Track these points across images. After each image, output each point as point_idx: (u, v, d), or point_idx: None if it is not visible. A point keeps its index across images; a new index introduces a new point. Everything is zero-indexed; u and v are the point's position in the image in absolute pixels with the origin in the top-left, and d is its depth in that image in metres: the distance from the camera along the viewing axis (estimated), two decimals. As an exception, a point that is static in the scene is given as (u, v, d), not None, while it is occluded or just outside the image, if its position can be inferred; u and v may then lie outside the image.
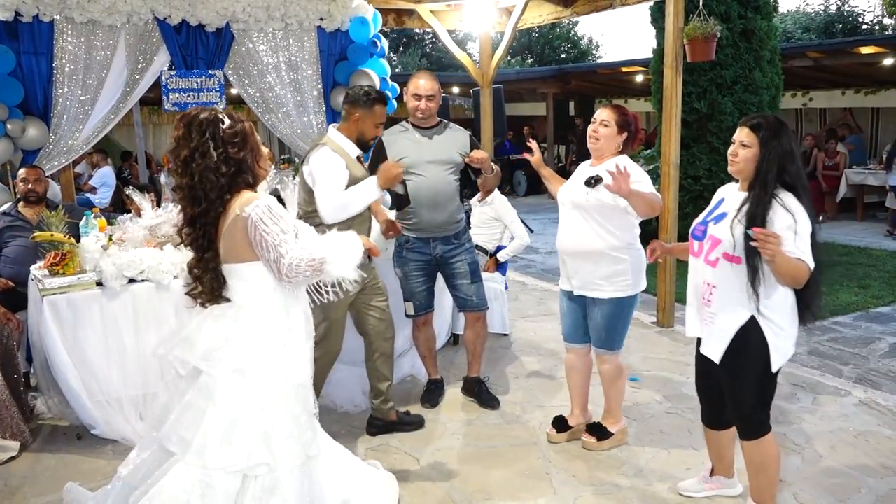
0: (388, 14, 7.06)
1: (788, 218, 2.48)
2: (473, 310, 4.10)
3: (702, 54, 5.22)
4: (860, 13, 23.68)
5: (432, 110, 3.92)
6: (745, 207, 2.58)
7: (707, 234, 2.73)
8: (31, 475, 3.44)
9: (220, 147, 2.32)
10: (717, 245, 2.65)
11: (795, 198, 2.54)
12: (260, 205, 2.30)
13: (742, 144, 2.64)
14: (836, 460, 3.44)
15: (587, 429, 3.65)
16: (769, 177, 2.54)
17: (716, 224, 2.70)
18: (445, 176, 3.89)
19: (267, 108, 5.92)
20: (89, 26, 5.07)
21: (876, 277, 7.11)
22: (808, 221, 2.51)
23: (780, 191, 2.55)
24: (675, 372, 4.63)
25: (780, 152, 2.56)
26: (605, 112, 3.37)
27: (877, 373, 4.63)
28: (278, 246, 2.28)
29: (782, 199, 2.52)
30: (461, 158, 3.94)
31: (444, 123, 4.05)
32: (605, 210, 3.27)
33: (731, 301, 2.62)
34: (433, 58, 27.53)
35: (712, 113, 7.71)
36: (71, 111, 5.11)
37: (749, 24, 7.59)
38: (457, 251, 4.01)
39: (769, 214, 2.50)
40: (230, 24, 5.50)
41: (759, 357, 2.63)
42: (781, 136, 2.58)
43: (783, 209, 2.50)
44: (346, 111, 3.57)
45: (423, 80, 3.92)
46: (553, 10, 6.91)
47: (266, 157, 2.53)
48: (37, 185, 4.62)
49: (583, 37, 29.66)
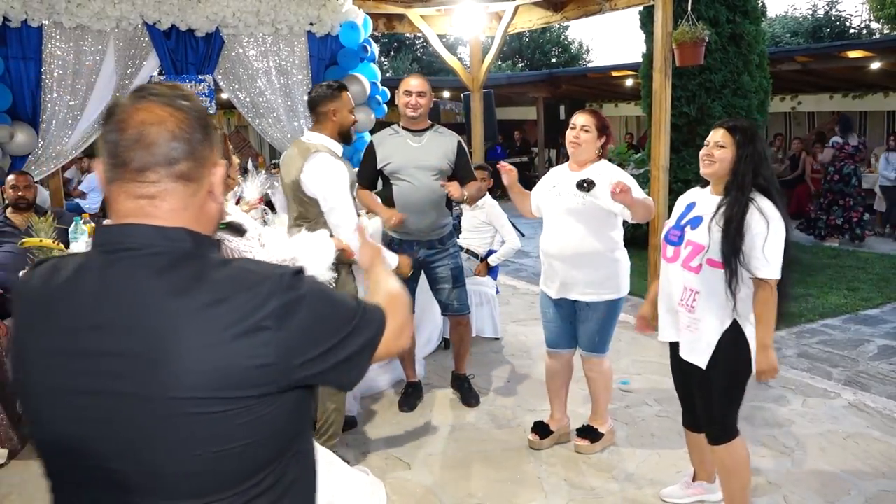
0: (379, 19, 7.06)
1: (762, 224, 2.51)
2: (454, 314, 4.14)
3: (691, 58, 5.25)
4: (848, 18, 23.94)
5: (423, 107, 3.91)
6: (721, 210, 2.59)
7: (684, 239, 2.72)
8: (19, 483, 3.41)
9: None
10: (699, 251, 2.64)
11: (771, 202, 2.56)
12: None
13: (718, 145, 2.65)
14: (825, 463, 3.46)
15: (579, 433, 3.65)
16: (746, 179, 2.57)
17: (693, 229, 2.69)
18: (431, 182, 3.87)
19: (257, 112, 5.91)
20: (78, 31, 5.05)
21: (865, 280, 7.15)
22: (782, 226, 2.55)
23: (755, 194, 2.57)
24: (665, 375, 4.59)
25: (755, 156, 2.59)
26: (584, 117, 3.38)
27: (866, 375, 4.66)
28: (244, 252, 2.19)
29: (759, 204, 2.55)
30: (448, 166, 3.93)
31: (435, 127, 4.05)
32: (597, 213, 3.28)
33: (716, 306, 2.62)
34: (424, 62, 27.55)
35: (701, 117, 7.74)
36: (60, 116, 5.09)
37: (737, 28, 7.64)
38: (440, 256, 4.01)
39: (746, 218, 2.53)
40: (220, 28, 5.49)
41: (739, 360, 2.64)
42: (756, 139, 2.63)
43: (759, 213, 2.52)
44: (319, 111, 3.40)
45: (413, 80, 3.96)
46: (543, 14, 6.93)
47: (232, 173, 2.43)
48: (27, 192, 4.59)
49: (573, 41, 29.77)
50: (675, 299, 2.76)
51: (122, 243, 1.05)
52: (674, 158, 6.42)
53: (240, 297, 1.01)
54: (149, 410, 0.99)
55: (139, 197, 1.06)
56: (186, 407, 0.98)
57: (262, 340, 1.00)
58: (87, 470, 1.04)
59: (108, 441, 1.02)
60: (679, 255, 2.72)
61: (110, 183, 1.07)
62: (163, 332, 0.99)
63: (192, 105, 1.10)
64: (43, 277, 1.11)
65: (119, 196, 1.07)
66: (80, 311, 1.04)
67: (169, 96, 1.09)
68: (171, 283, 1.02)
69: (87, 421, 1.02)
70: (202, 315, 1.00)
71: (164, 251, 1.05)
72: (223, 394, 0.99)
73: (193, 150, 1.08)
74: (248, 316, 1.00)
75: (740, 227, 2.52)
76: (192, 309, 1.00)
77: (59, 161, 5.24)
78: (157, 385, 0.98)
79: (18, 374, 1.11)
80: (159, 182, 1.06)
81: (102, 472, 1.03)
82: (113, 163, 1.06)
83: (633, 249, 8.38)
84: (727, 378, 2.67)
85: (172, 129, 1.06)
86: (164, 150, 1.05)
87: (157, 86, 1.13)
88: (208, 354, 0.98)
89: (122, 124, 1.06)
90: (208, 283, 1.03)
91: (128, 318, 1.01)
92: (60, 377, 1.03)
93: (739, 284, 2.54)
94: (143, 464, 1.01)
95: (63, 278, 1.08)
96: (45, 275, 1.12)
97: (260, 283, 1.03)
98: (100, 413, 1.01)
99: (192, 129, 1.08)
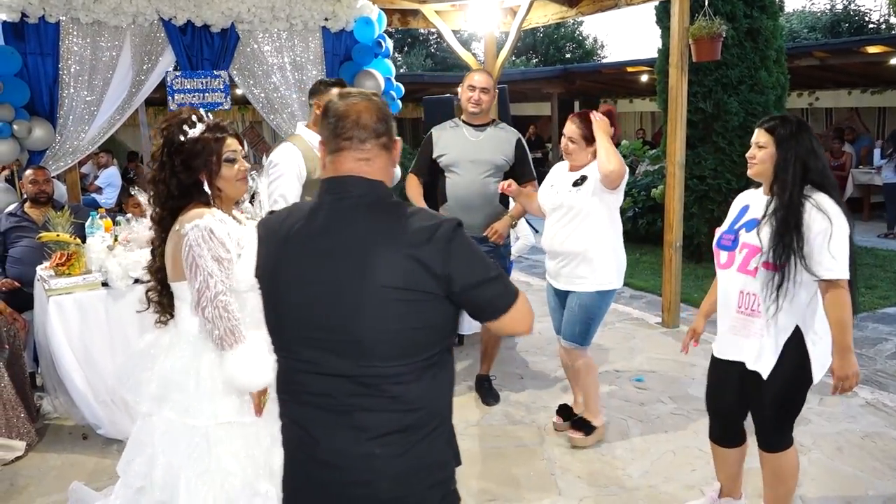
0: (393, 14, 7.06)
1: (824, 221, 2.37)
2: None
3: (707, 54, 5.21)
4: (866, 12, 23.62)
5: (486, 103, 3.94)
6: (773, 211, 2.46)
7: (739, 242, 2.60)
8: (36, 475, 3.45)
9: (173, 158, 2.23)
10: (755, 253, 2.51)
11: (829, 197, 2.43)
12: (200, 224, 2.15)
13: (758, 146, 2.56)
14: (843, 462, 3.43)
15: (573, 425, 3.68)
16: (787, 177, 2.44)
17: (748, 231, 2.57)
18: (482, 178, 3.88)
19: (272, 108, 5.92)
20: (95, 27, 5.09)
21: (882, 278, 7.08)
22: (846, 222, 2.40)
23: (811, 191, 2.44)
24: (680, 372, 4.61)
25: (800, 151, 2.45)
26: (569, 128, 3.44)
27: (884, 374, 4.61)
28: (209, 276, 2.12)
29: (816, 201, 2.41)
30: (504, 163, 3.93)
31: (497, 123, 4.05)
32: (591, 209, 3.37)
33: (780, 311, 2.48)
34: (438, 58, 27.50)
35: (718, 113, 7.68)
36: (77, 112, 5.12)
37: (754, 23, 7.56)
38: (490, 255, 3.99)
39: (804, 218, 2.40)
40: (235, 24, 5.51)
41: (799, 369, 2.53)
42: (800, 134, 2.47)
43: (818, 211, 2.39)
44: (311, 106, 3.60)
45: (478, 75, 4.00)
46: (558, 9, 6.90)
47: (234, 176, 2.33)
48: (46, 186, 4.63)
49: (588, 36, 29.66)
50: (732, 306, 2.63)
51: (346, 190, 1.56)
52: (689, 155, 6.38)
53: (422, 231, 1.49)
54: (362, 295, 1.48)
55: (359, 160, 1.56)
56: (388, 294, 1.47)
57: (434, 260, 1.47)
58: (317, 340, 1.54)
59: (331, 318, 1.51)
60: (734, 260, 2.61)
61: (334, 153, 1.58)
62: (372, 245, 1.49)
63: (378, 99, 1.61)
64: (280, 217, 1.66)
65: (345, 160, 1.57)
66: (315, 232, 1.55)
67: (365, 94, 1.61)
68: (376, 216, 1.54)
69: (320, 304, 1.52)
70: (397, 238, 1.49)
71: (372, 195, 1.56)
72: (411, 288, 1.47)
73: (388, 127, 1.60)
74: (425, 242, 1.48)
75: (799, 226, 2.38)
76: (390, 233, 1.50)
77: (75, 156, 5.28)
78: (368, 279, 1.47)
79: (270, 278, 1.61)
80: (372, 149, 1.57)
81: (326, 341, 1.52)
82: (337, 140, 1.57)
83: (648, 246, 8.46)
84: (787, 387, 2.56)
85: (375, 113, 1.57)
86: (374, 127, 1.57)
87: (352, 88, 1.69)
88: (400, 264, 1.47)
89: (340, 114, 1.56)
90: (400, 218, 1.53)
91: (348, 235, 1.52)
92: (302, 275, 1.55)
93: (791, 289, 2.43)
94: (351, 333, 1.50)
95: (302, 214, 1.60)
96: (282, 215, 1.67)
97: (436, 224, 1.51)
98: (329, 298, 1.51)
99: (384, 114, 1.59)
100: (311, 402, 1.58)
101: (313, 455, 1.59)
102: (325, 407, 1.56)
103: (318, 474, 1.59)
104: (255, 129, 11.67)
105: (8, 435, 3.59)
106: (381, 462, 1.54)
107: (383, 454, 1.54)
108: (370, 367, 1.50)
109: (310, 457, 1.60)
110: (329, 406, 1.55)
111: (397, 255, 1.47)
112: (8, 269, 4.45)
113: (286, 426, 1.67)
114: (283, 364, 1.64)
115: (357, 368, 1.51)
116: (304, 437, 1.60)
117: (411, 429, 1.56)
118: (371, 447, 1.53)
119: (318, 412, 1.57)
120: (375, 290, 1.47)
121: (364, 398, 1.53)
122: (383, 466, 1.54)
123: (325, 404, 1.56)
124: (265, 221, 1.71)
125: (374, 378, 1.51)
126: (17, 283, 4.31)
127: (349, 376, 1.52)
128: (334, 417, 1.55)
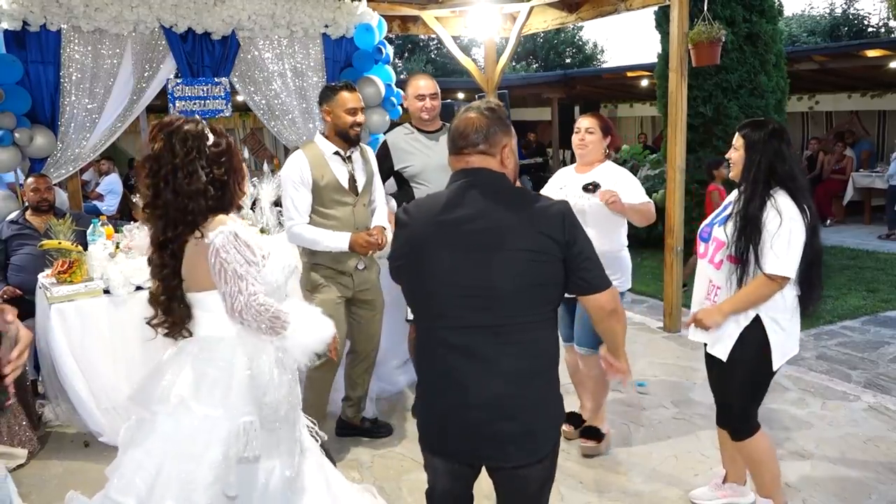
0: (393, 21, 7.07)
1: (776, 220, 2.54)
2: None
3: (707, 58, 5.22)
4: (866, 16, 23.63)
5: (437, 109, 3.90)
6: (736, 207, 2.65)
7: (712, 235, 2.79)
8: (38, 482, 3.45)
9: (207, 167, 2.16)
10: (721, 247, 2.71)
11: (791, 198, 2.57)
12: (225, 231, 2.13)
13: (734, 148, 2.75)
14: (845, 466, 3.42)
15: (584, 434, 3.65)
16: (752, 177, 2.61)
17: (720, 226, 2.76)
18: None
19: (273, 115, 5.93)
20: (96, 35, 5.09)
21: (884, 281, 7.06)
22: (799, 224, 2.55)
23: (776, 191, 2.60)
24: (682, 377, 4.61)
25: (768, 153, 2.61)
26: (588, 120, 3.50)
27: (886, 377, 4.60)
28: (239, 279, 2.10)
29: (776, 201, 2.57)
30: None
31: (448, 127, 4.02)
32: (601, 214, 3.36)
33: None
34: (438, 64, 27.58)
35: (718, 117, 7.68)
36: (78, 119, 5.13)
37: (754, 27, 7.57)
38: None
39: (763, 216, 2.57)
40: (236, 31, 5.52)
41: (759, 356, 2.67)
42: (770, 137, 2.63)
43: (774, 210, 2.56)
44: (321, 113, 3.57)
45: (423, 80, 3.91)
46: (558, 15, 6.92)
47: (247, 179, 2.37)
48: (48, 194, 4.64)
49: (587, 42, 29.71)
50: (702, 294, 2.83)
51: (473, 181, 1.96)
52: (690, 159, 6.37)
53: (545, 211, 1.91)
54: (501, 256, 1.87)
55: (461, 163, 2.00)
56: (522, 255, 1.87)
57: (555, 229, 1.88)
58: (462, 298, 1.90)
59: (475, 277, 1.88)
60: (707, 252, 2.80)
61: (451, 154, 2.03)
62: (506, 222, 1.90)
63: (493, 112, 2.00)
64: (416, 205, 2.08)
65: (458, 162, 2.01)
66: (456, 212, 1.93)
67: (479, 108, 2.01)
68: (504, 199, 1.94)
69: (467, 269, 1.89)
70: (525, 216, 1.90)
71: (495, 184, 1.97)
72: (538, 250, 1.87)
73: (487, 136, 1.96)
74: (547, 216, 1.90)
75: (757, 223, 2.56)
76: (518, 214, 1.91)
77: (77, 164, 5.28)
78: (508, 245, 1.87)
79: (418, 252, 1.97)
80: (470, 156, 1.98)
81: (470, 299, 1.89)
82: (452, 144, 2.01)
83: (650, 251, 8.43)
84: (748, 373, 2.70)
85: (476, 126, 1.97)
86: (471, 138, 1.97)
87: (475, 102, 2.07)
88: (530, 233, 1.88)
89: (456, 125, 2.00)
90: (524, 200, 1.95)
91: (484, 216, 1.91)
92: (453, 246, 1.91)
93: (749, 280, 2.59)
94: (492, 290, 1.87)
95: (442, 199, 1.98)
96: (420, 201, 2.11)
97: (553, 204, 1.94)
98: (475, 263, 1.89)
99: (488, 125, 1.97)
100: (456, 353, 1.92)
101: (464, 401, 1.92)
102: (470, 356, 1.91)
103: (465, 415, 1.93)
104: (256, 135, 11.69)
105: (10, 443, 3.59)
106: (516, 401, 1.91)
107: (518, 394, 1.91)
108: (510, 317, 1.88)
109: (459, 403, 1.93)
110: (473, 355, 1.90)
111: (527, 226, 1.88)
112: (10, 276, 4.45)
113: (429, 382, 2.04)
114: (427, 325, 2.02)
115: (498, 319, 1.88)
116: (451, 385, 1.95)
117: (539, 372, 1.95)
118: (510, 388, 1.90)
119: (461, 360, 1.92)
120: (514, 253, 1.86)
121: (503, 346, 1.89)
122: (521, 404, 1.92)
123: (469, 354, 1.91)
124: (406, 208, 2.07)
125: (512, 326, 1.88)
126: (18, 290, 4.31)
127: (490, 326, 1.89)
128: (478, 365, 1.90)
